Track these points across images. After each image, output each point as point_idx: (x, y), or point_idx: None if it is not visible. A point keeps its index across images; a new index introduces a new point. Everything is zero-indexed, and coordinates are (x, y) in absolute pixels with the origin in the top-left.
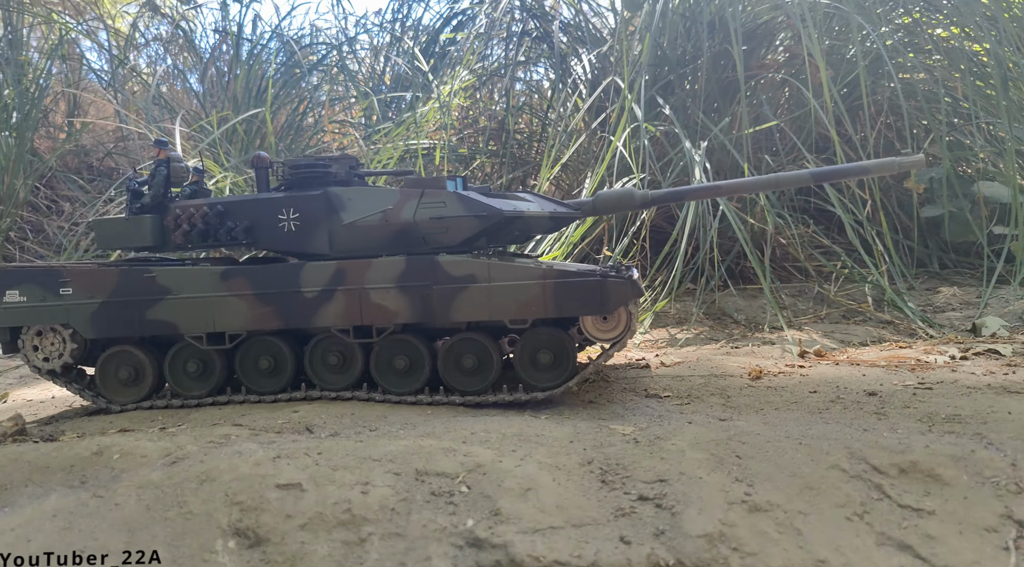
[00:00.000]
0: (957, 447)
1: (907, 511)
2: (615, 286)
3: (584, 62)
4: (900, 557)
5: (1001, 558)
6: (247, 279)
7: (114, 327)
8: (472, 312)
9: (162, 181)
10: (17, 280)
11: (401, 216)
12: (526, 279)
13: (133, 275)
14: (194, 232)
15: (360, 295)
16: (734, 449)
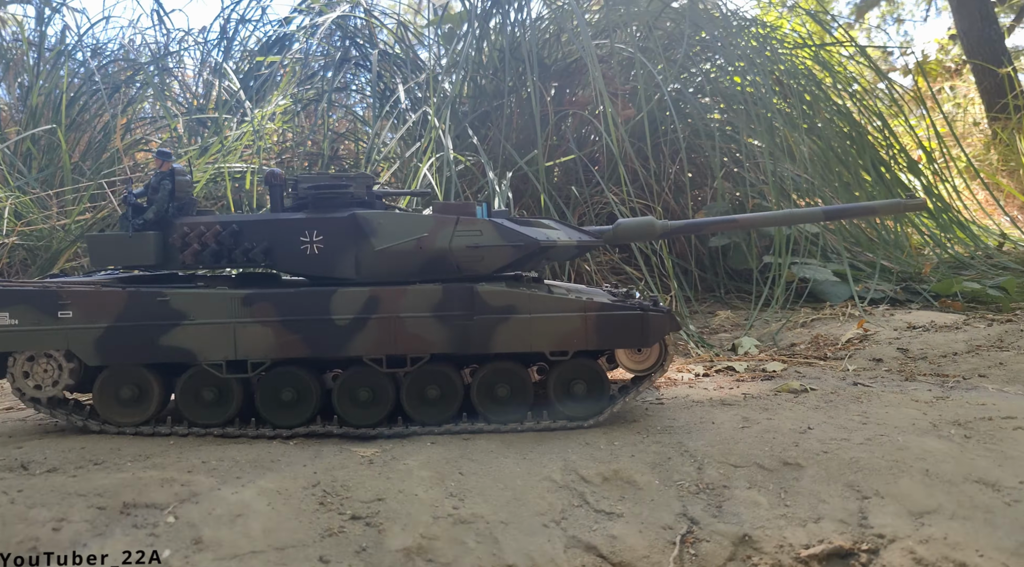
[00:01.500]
0: (658, 455)
1: (600, 515)
2: (655, 320)
3: (400, 91)
4: (585, 557)
5: (668, 551)
6: (272, 305)
7: (122, 353)
8: (513, 343)
9: (167, 196)
10: (7, 301)
11: (436, 243)
12: (567, 311)
13: (142, 298)
14: (206, 252)
15: (395, 323)
16: (460, 467)
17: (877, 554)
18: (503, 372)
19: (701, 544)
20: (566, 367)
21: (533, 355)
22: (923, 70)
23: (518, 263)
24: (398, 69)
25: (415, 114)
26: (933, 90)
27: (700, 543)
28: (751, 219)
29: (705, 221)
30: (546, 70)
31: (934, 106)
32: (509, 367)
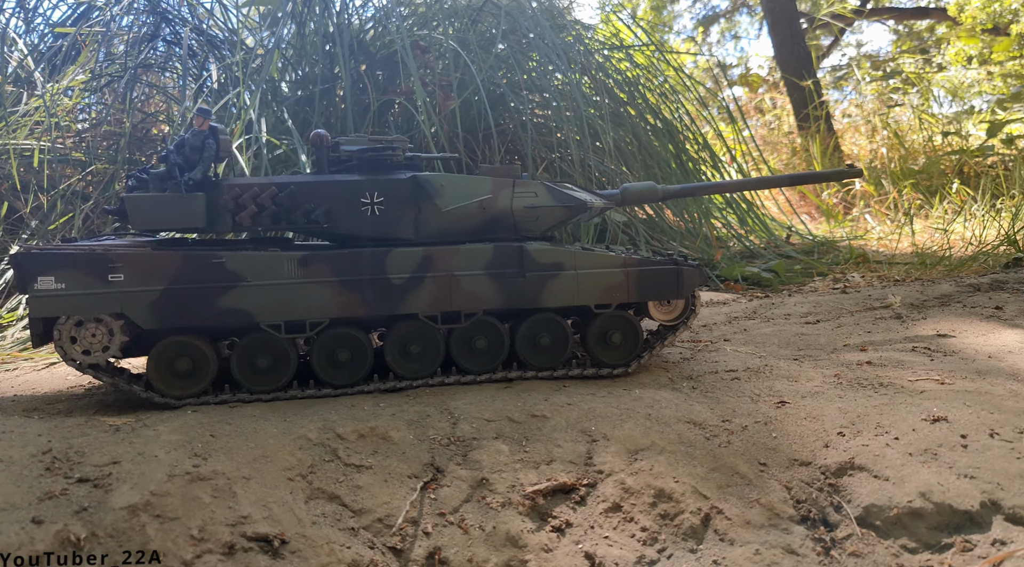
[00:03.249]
0: (419, 414)
1: (350, 468)
2: (688, 273)
3: (213, 71)
4: (327, 506)
5: (409, 496)
6: (328, 265)
7: (180, 316)
8: (561, 298)
9: (212, 155)
10: (51, 265)
11: (498, 205)
12: (611, 267)
13: (197, 260)
14: (264, 214)
15: (450, 281)
16: (213, 429)
17: (595, 487)
18: (545, 323)
19: (442, 489)
20: (603, 319)
21: (570, 309)
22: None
23: (564, 223)
24: (215, 49)
25: (228, 95)
26: (756, 100)
27: (441, 488)
28: (734, 183)
29: (697, 186)
30: (371, 58)
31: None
32: (550, 318)
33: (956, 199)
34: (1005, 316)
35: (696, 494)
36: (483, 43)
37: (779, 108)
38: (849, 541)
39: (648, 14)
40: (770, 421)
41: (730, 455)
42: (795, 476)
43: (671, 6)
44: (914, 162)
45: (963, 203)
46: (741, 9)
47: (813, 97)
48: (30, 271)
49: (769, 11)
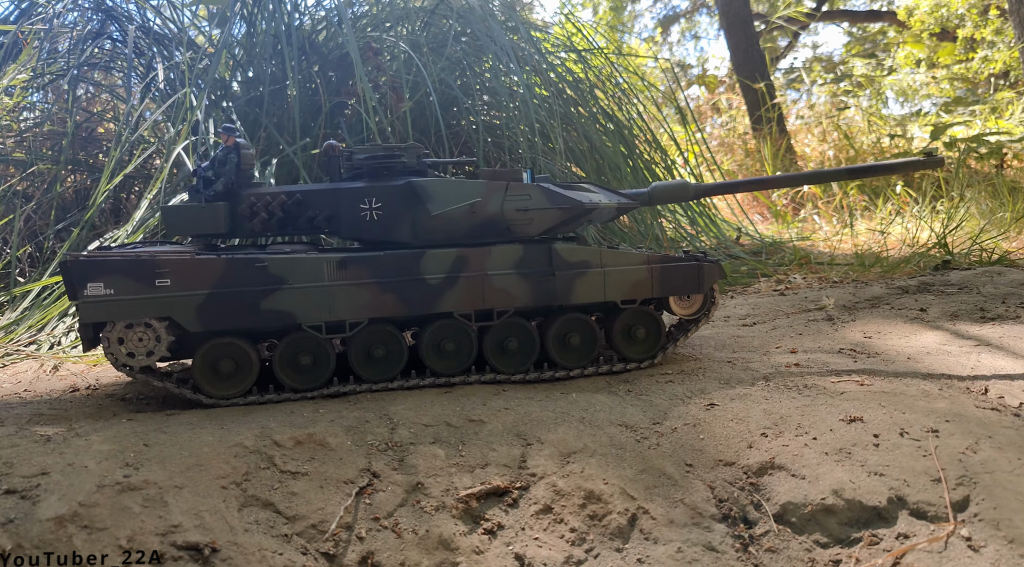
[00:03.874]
0: (357, 420)
1: (286, 475)
2: (708, 269)
3: (160, 70)
4: (260, 513)
5: (343, 502)
6: (366, 268)
7: (225, 319)
8: (590, 294)
9: (233, 168)
10: (101, 272)
11: (489, 208)
12: (635, 264)
13: (240, 264)
14: (273, 220)
15: (483, 280)
16: (147, 439)
17: (528, 490)
18: (573, 322)
19: (377, 494)
20: (627, 315)
21: (592, 307)
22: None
23: (564, 225)
24: (162, 47)
25: (176, 95)
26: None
27: (377, 493)
28: (779, 179)
29: (734, 182)
30: (324, 59)
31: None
32: (578, 317)
33: (898, 201)
34: (928, 318)
35: (624, 495)
36: (435, 45)
37: (735, 109)
38: (766, 537)
39: (607, 15)
40: (699, 423)
41: (658, 457)
42: (719, 476)
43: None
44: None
45: (905, 205)
46: (701, 9)
47: (765, 99)
48: (80, 278)
49: (724, 13)
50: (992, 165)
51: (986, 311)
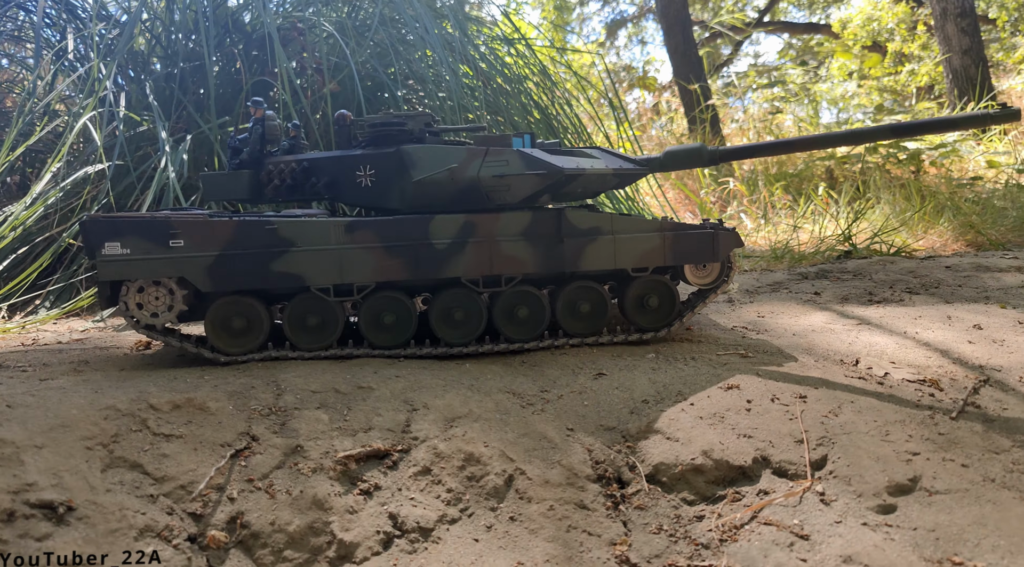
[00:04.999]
0: (243, 385)
1: (158, 437)
2: (724, 237)
3: (69, 41)
4: (126, 474)
5: (216, 464)
6: (373, 231)
7: (235, 279)
8: (599, 261)
9: (257, 139)
10: (118, 232)
11: (466, 173)
12: (648, 231)
13: (251, 227)
14: (284, 186)
15: (491, 246)
16: (13, 401)
17: (408, 452)
18: (584, 290)
19: (254, 457)
20: (640, 283)
21: (605, 275)
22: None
23: (545, 191)
24: (76, 19)
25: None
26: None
27: (254, 456)
28: (808, 139)
29: (758, 145)
30: (248, 37)
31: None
32: (589, 285)
33: (819, 201)
34: (820, 301)
35: (503, 457)
36: (363, 29)
37: (674, 111)
38: (636, 496)
39: (551, 14)
40: (585, 391)
41: (542, 421)
42: (599, 440)
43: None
44: (793, 167)
45: (826, 205)
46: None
47: (700, 101)
48: (98, 237)
49: (664, 18)
50: (910, 170)
51: (874, 295)
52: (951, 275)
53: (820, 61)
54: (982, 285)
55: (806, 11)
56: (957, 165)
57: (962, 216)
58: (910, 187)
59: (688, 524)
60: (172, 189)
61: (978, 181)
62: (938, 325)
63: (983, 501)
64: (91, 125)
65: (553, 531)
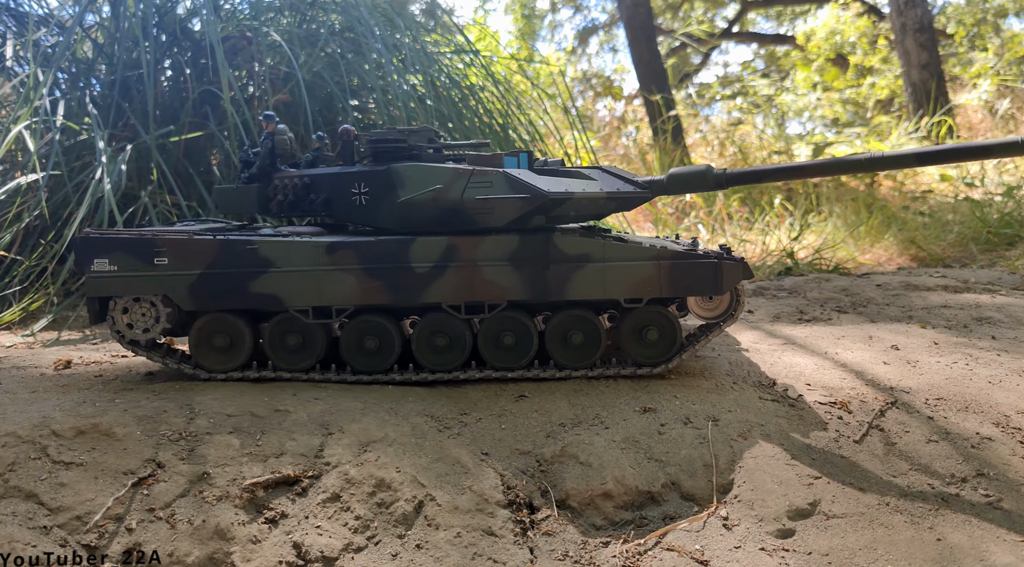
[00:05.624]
0: (155, 409)
1: (58, 465)
2: (729, 268)
3: (8, 47)
4: (20, 505)
5: (116, 493)
6: (354, 253)
7: (215, 299)
8: (587, 291)
9: (267, 153)
10: (106, 249)
11: (450, 195)
12: (641, 259)
13: (233, 246)
14: (286, 202)
15: (472, 271)
16: None
17: (319, 478)
18: (576, 319)
19: (158, 485)
20: (639, 314)
21: (606, 303)
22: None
23: (533, 214)
24: (20, 24)
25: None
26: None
27: (158, 484)
28: (823, 164)
29: (768, 168)
30: (197, 45)
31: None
32: (582, 315)
33: (773, 215)
34: (752, 319)
35: (415, 483)
36: (311, 38)
37: (640, 120)
38: (546, 522)
39: (520, 21)
40: (504, 414)
41: (457, 446)
42: (513, 464)
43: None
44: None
45: (783, 217)
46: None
47: (662, 111)
48: (87, 253)
49: (629, 28)
50: (865, 183)
51: (804, 314)
52: (881, 293)
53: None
54: (908, 304)
55: (774, 22)
56: (912, 178)
57: (907, 231)
58: (859, 200)
59: (594, 550)
60: (108, 202)
61: (930, 194)
62: (859, 345)
63: (876, 525)
64: (26, 134)
65: (458, 559)
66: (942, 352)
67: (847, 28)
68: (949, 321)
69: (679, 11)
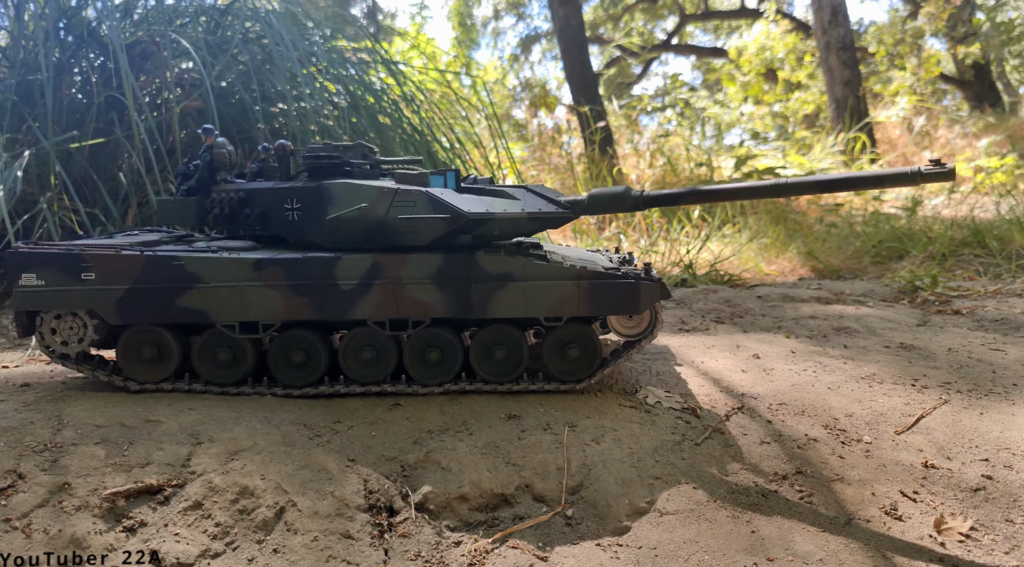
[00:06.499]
0: (22, 420)
1: None
2: (646, 288)
3: None
4: None
5: None
6: (281, 269)
7: (143, 313)
8: (509, 309)
9: (205, 165)
10: (34, 263)
11: (375, 213)
12: (562, 279)
13: (159, 262)
14: (222, 216)
15: (397, 288)
16: None
17: (183, 487)
18: (501, 334)
19: (16, 495)
20: (561, 331)
21: (530, 319)
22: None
23: (456, 233)
24: None
25: None
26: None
27: (16, 495)
28: (733, 189)
29: (682, 191)
30: (105, 50)
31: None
32: (506, 330)
33: (691, 226)
34: None
35: (278, 490)
36: (224, 45)
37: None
38: (403, 525)
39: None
40: (377, 422)
41: (324, 453)
42: (377, 470)
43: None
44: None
45: (700, 228)
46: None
47: (591, 122)
48: (16, 268)
49: (562, 40)
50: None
51: (685, 324)
52: (759, 304)
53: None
54: (782, 315)
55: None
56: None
57: (808, 243)
58: (775, 212)
59: (445, 550)
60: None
61: (841, 208)
62: (725, 354)
63: (702, 520)
64: None
65: (312, 561)
66: (797, 360)
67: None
68: (812, 331)
69: (620, 21)
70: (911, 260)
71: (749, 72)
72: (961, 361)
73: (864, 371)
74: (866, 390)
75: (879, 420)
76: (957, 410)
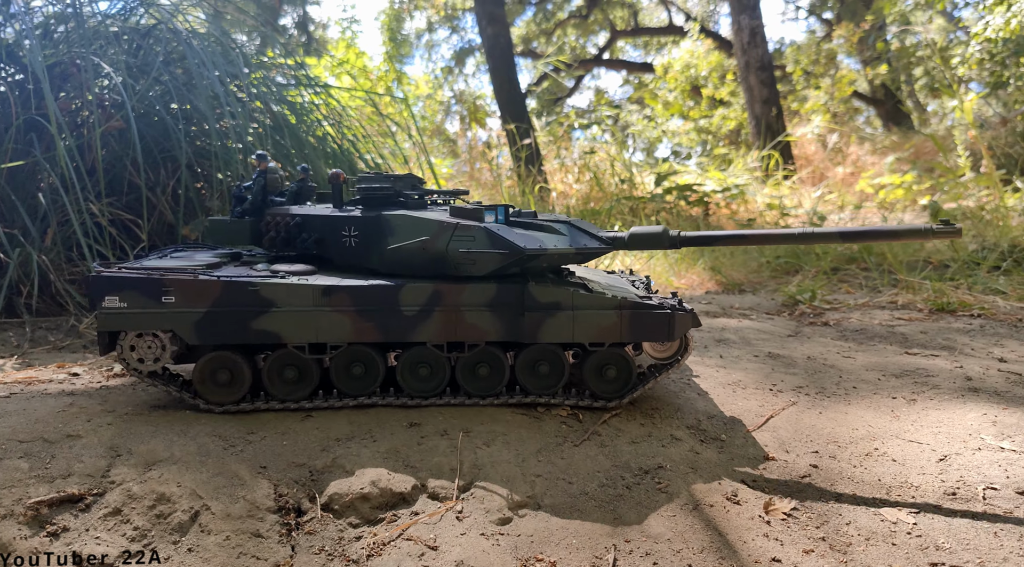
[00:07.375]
0: None
1: None
2: (680, 318)
3: None
4: None
5: None
6: (348, 296)
7: (219, 334)
8: (557, 335)
9: (259, 190)
10: (117, 287)
11: (436, 246)
12: (606, 308)
13: (235, 287)
14: (279, 238)
15: (455, 315)
16: None
17: (102, 496)
18: (545, 353)
19: None
20: (600, 354)
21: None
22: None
23: (509, 266)
24: None
25: None
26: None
27: None
28: (765, 235)
29: (717, 234)
30: (26, 71)
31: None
32: (550, 349)
33: None
34: None
35: (193, 495)
36: (145, 67)
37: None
38: (309, 523)
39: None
40: (289, 432)
41: (238, 462)
42: (287, 475)
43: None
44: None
45: None
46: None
47: (516, 139)
48: (99, 291)
49: (490, 58)
50: (702, 210)
51: None
52: None
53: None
54: None
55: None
56: (744, 206)
57: (712, 258)
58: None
59: (347, 544)
60: None
61: (753, 222)
62: None
63: (573, 511)
64: None
65: (225, 559)
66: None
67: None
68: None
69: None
70: (804, 275)
71: (675, 88)
72: (816, 367)
73: (732, 378)
74: (730, 395)
75: (735, 421)
76: (802, 410)
